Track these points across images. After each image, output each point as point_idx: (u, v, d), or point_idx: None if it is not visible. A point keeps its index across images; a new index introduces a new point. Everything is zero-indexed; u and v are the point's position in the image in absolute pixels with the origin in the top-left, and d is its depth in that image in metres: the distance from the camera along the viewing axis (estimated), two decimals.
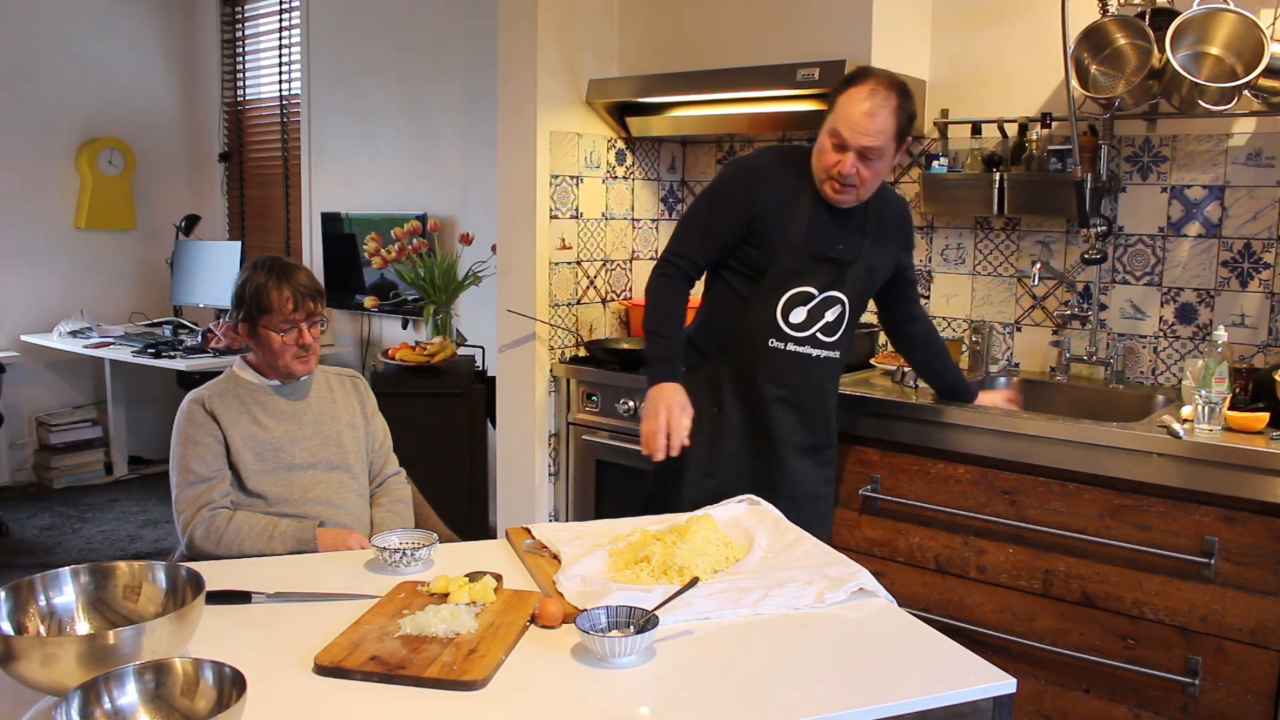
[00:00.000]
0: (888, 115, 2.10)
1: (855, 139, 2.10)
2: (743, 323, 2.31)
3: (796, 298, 2.26)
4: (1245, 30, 2.46)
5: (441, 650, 1.45)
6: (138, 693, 1.23)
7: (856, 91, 2.11)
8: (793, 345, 2.28)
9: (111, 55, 5.67)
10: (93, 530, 4.82)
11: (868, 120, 2.09)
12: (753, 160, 2.32)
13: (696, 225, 2.31)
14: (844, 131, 2.11)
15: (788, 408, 2.33)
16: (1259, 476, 2.20)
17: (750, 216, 2.23)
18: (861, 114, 2.09)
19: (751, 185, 2.25)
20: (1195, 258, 2.83)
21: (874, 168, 2.15)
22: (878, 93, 2.10)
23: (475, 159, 4.52)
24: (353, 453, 2.29)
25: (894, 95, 2.11)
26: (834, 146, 2.14)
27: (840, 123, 2.11)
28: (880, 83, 2.12)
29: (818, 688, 1.40)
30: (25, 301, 5.41)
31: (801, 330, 2.28)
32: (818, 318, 2.28)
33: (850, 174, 2.13)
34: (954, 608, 2.66)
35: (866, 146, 2.11)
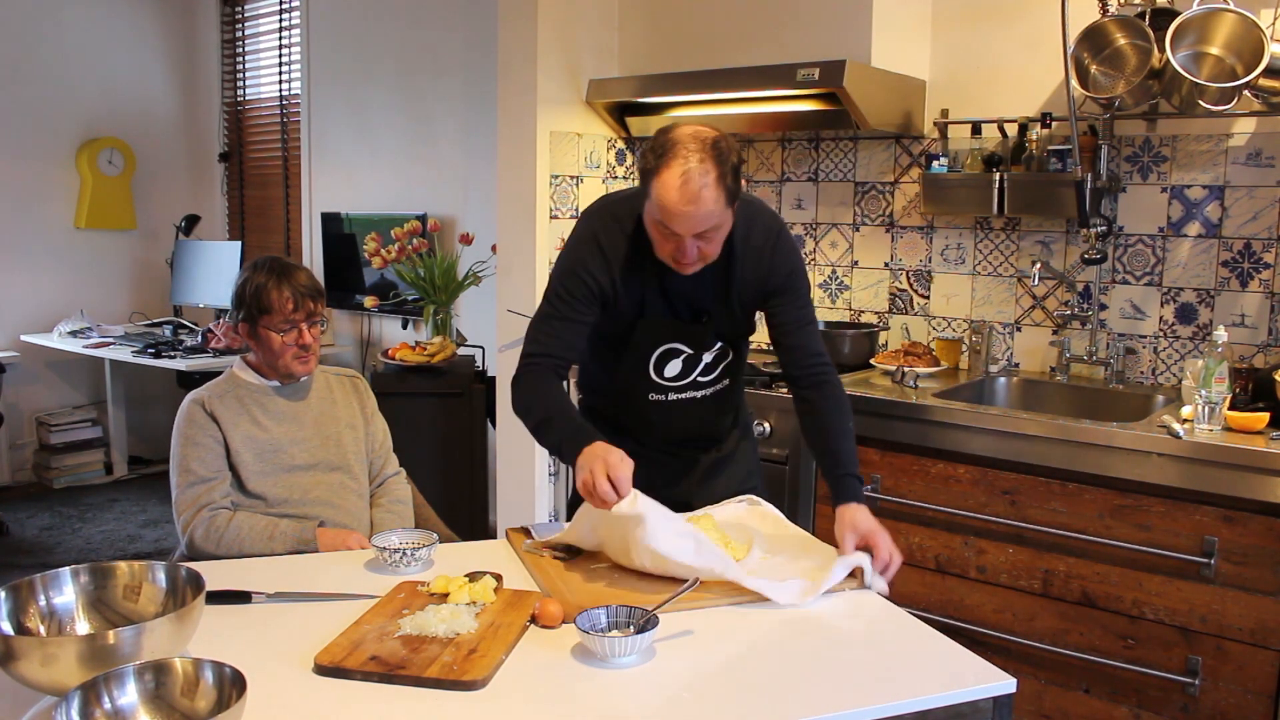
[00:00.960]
0: (711, 193, 1.76)
1: (686, 229, 1.80)
2: (616, 379, 2.12)
3: (668, 353, 2.06)
4: (1245, 30, 2.46)
5: (441, 650, 1.45)
6: (138, 693, 1.23)
7: (668, 178, 1.75)
8: (673, 394, 2.10)
9: (111, 55, 5.67)
10: (93, 530, 4.82)
11: (692, 209, 1.76)
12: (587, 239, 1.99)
13: (551, 318, 1.99)
14: (670, 224, 1.80)
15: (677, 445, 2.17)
16: (1259, 476, 2.20)
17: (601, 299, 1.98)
18: (683, 204, 1.75)
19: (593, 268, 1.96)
20: (1195, 258, 2.83)
21: (714, 239, 1.85)
22: (692, 174, 1.74)
23: (475, 159, 4.52)
24: (353, 453, 2.29)
25: (710, 166, 1.75)
26: (665, 235, 1.84)
27: (664, 216, 1.79)
28: (691, 156, 1.75)
29: (818, 688, 1.40)
30: (25, 301, 5.41)
31: (680, 379, 2.08)
32: (694, 365, 2.08)
33: (692, 258, 1.85)
34: (954, 608, 2.66)
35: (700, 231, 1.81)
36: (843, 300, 3.52)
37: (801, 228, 3.59)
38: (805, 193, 3.56)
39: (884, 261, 3.41)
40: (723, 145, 1.79)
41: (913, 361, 3.06)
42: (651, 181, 1.79)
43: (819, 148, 3.51)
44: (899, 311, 3.40)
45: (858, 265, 3.47)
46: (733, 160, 1.80)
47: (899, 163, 3.34)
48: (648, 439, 2.12)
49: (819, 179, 3.52)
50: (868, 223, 3.43)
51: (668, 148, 1.78)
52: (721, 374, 2.12)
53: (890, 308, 3.42)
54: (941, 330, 3.31)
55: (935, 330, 3.32)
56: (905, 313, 3.38)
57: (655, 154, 1.79)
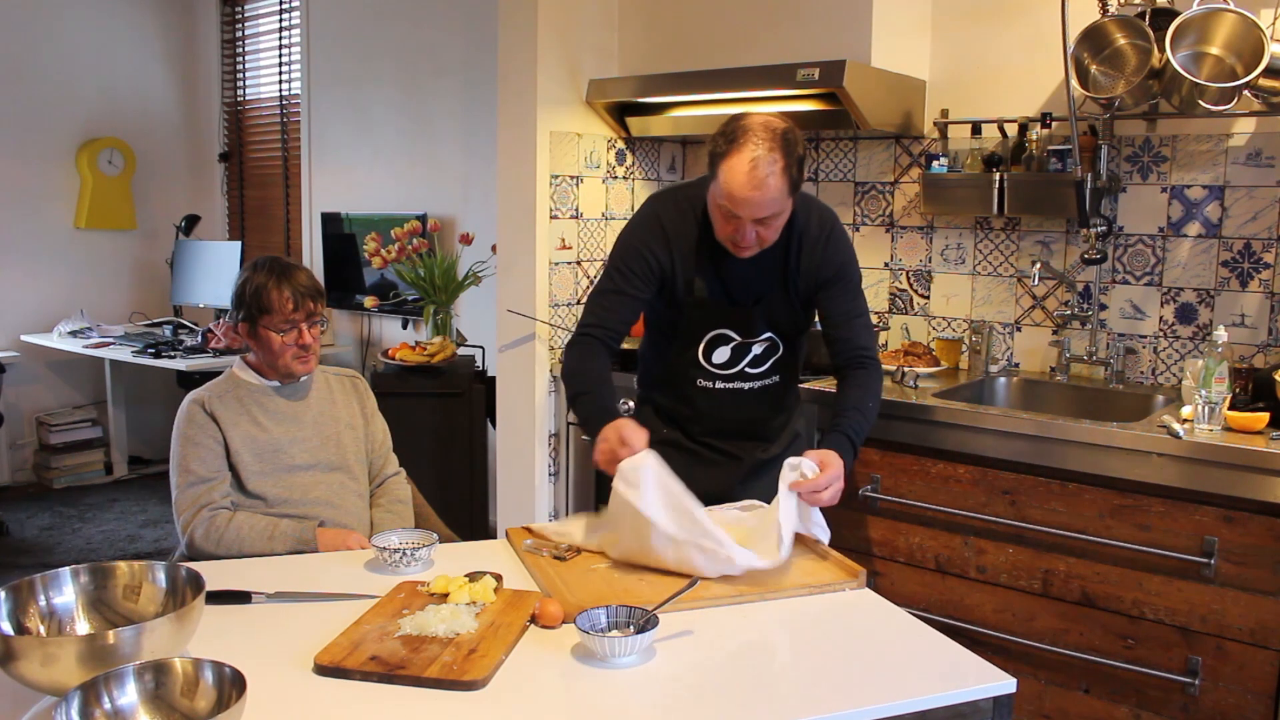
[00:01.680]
0: (777, 181, 1.86)
1: (748, 214, 1.90)
2: (669, 364, 2.20)
3: (717, 339, 2.13)
4: (1245, 30, 2.46)
5: (441, 650, 1.45)
6: (138, 693, 1.23)
7: (736, 163, 1.86)
8: (721, 383, 2.17)
9: (111, 55, 5.67)
10: (93, 530, 4.82)
11: (757, 194, 1.86)
12: (650, 219, 2.11)
13: (608, 291, 2.10)
14: (734, 208, 1.90)
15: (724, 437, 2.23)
16: (1259, 476, 2.20)
17: (660, 278, 2.08)
18: (749, 189, 1.85)
19: (654, 247, 2.07)
20: (1195, 258, 2.83)
21: (774, 225, 1.95)
22: (760, 161, 1.84)
23: (475, 159, 4.53)
24: (352, 453, 2.29)
25: (778, 155, 1.86)
26: (727, 217, 1.94)
27: (728, 199, 1.89)
28: (760, 144, 1.85)
29: (818, 688, 1.40)
30: (25, 301, 5.41)
31: (728, 368, 2.15)
32: (743, 354, 2.15)
33: (750, 241, 1.95)
34: (954, 608, 2.66)
35: (761, 218, 1.91)
36: None
37: None
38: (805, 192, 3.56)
39: (884, 261, 3.41)
40: (790, 136, 1.89)
41: (913, 361, 3.06)
42: (720, 165, 1.88)
43: (819, 148, 3.51)
44: (899, 311, 3.40)
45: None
46: (799, 151, 1.90)
47: (899, 163, 3.34)
48: (695, 428, 2.20)
49: (819, 179, 3.52)
50: (868, 223, 3.43)
51: (739, 134, 1.87)
52: (771, 369, 2.18)
53: (890, 308, 3.42)
54: (941, 330, 3.31)
55: (935, 330, 3.32)
56: (905, 313, 3.38)
57: (726, 139, 1.89)
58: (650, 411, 2.29)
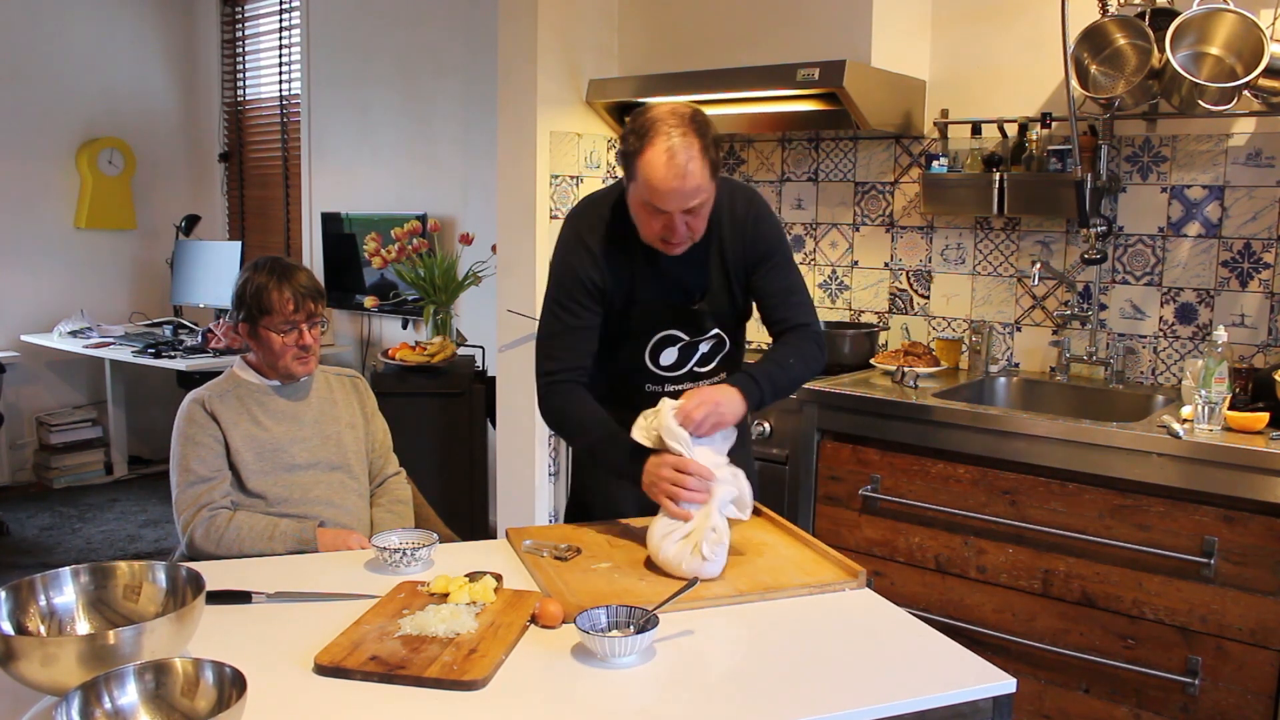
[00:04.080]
0: (697, 166, 1.78)
1: (676, 205, 1.82)
2: (614, 372, 2.11)
3: (664, 340, 2.06)
4: (1245, 30, 2.46)
5: (441, 650, 1.45)
6: (138, 693, 1.23)
7: (652, 156, 1.78)
8: (671, 385, 2.09)
9: (111, 55, 5.67)
10: (93, 530, 4.82)
11: (680, 183, 1.78)
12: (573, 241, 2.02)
13: (557, 332, 2.01)
14: (659, 202, 1.82)
15: None
16: (1259, 476, 2.20)
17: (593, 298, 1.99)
18: (672, 179, 1.78)
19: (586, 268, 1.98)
20: (1195, 258, 2.83)
21: (701, 214, 1.88)
22: (676, 150, 1.77)
23: (475, 159, 4.52)
24: (353, 453, 2.29)
25: (693, 139, 1.78)
26: (653, 214, 1.86)
27: (650, 194, 1.81)
28: (673, 132, 1.78)
29: (818, 688, 1.40)
30: (25, 301, 5.41)
31: (676, 369, 2.09)
32: (691, 354, 2.08)
33: (682, 236, 1.88)
34: (954, 608, 2.66)
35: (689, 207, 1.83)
36: (843, 300, 3.52)
37: (801, 228, 3.59)
38: (805, 193, 3.56)
39: (884, 261, 3.41)
40: (700, 118, 1.82)
41: (913, 361, 3.06)
42: (636, 162, 1.80)
43: (819, 148, 3.51)
44: (899, 311, 3.40)
45: (858, 265, 3.47)
46: (712, 132, 1.82)
47: (899, 163, 3.34)
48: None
49: (819, 179, 3.52)
50: (868, 223, 3.43)
51: (648, 127, 1.80)
52: (719, 365, 2.13)
53: (890, 308, 3.42)
54: (941, 330, 3.31)
55: (935, 330, 3.32)
56: (905, 313, 3.38)
57: (636, 135, 1.81)
58: None
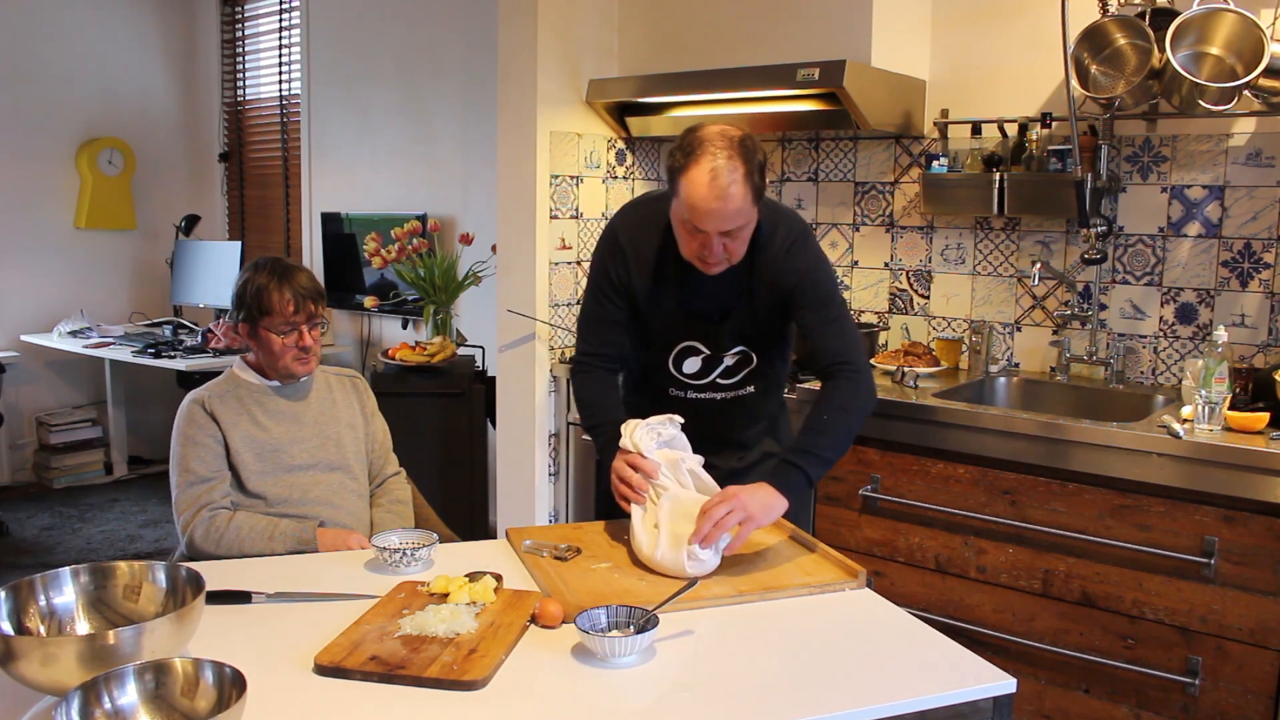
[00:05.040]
0: (739, 190, 1.79)
1: (714, 226, 1.83)
2: (643, 373, 2.17)
3: (687, 350, 2.08)
4: (1245, 30, 2.46)
5: (441, 650, 1.45)
6: (138, 693, 1.23)
7: (696, 175, 1.79)
8: (693, 393, 2.12)
9: (111, 55, 5.67)
10: (93, 530, 4.82)
11: (720, 205, 1.79)
12: (608, 237, 2.09)
13: (590, 319, 2.12)
14: (698, 222, 1.83)
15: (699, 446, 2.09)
16: (1259, 476, 2.20)
17: (629, 296, 2.05)
18: (712, 200, 1.79)
19: (613, 265, 2.05)
20: (1195, 258, 2.83)
21: (740, 237, 1.89)
22: (720, 171, 1.77)
23: (475, 159, 4.52)
24: (352, 453, 2.29)
25: (738, 163, 1.79)
26: (692, 233, 1.87)
27: (691, 213, 1.83)
28: (719, 154, 1.79)
29: (818, 688, 1.40)
30: (25, 301, 5.41)
31: (699, 378, 2.10)
32: (714, 366, 2.09)
33: (719, 257, 1.89)
34: (954, 608, 2.66)
35: (728, 230, 1.85)
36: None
37: None
38: (805, 193, 3.56)
39: (884, 261, 3.41)
40: (749, 144, 1.83)
41: (913, 361, 3.06)
42: (679, 180, 1.83)
43: (819, 148, 3.51)
44: (899, 311, 3.40)
45: (858, 265, 3.47)
46: (759, 158, 1.84)
47: (899, 163, 3.34)
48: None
49: (819, 179, 3.52)
50: (868, 223, 3.43)
51: (695, 146, 1.81)
52: (745, 379, 2.12)
53: (890, 308, 3.42)
54: (941, 330, 3.31)
55: (935, 330, 3.32)
56: (905, 313, 3.38)
57: (683, 153, 1.83)
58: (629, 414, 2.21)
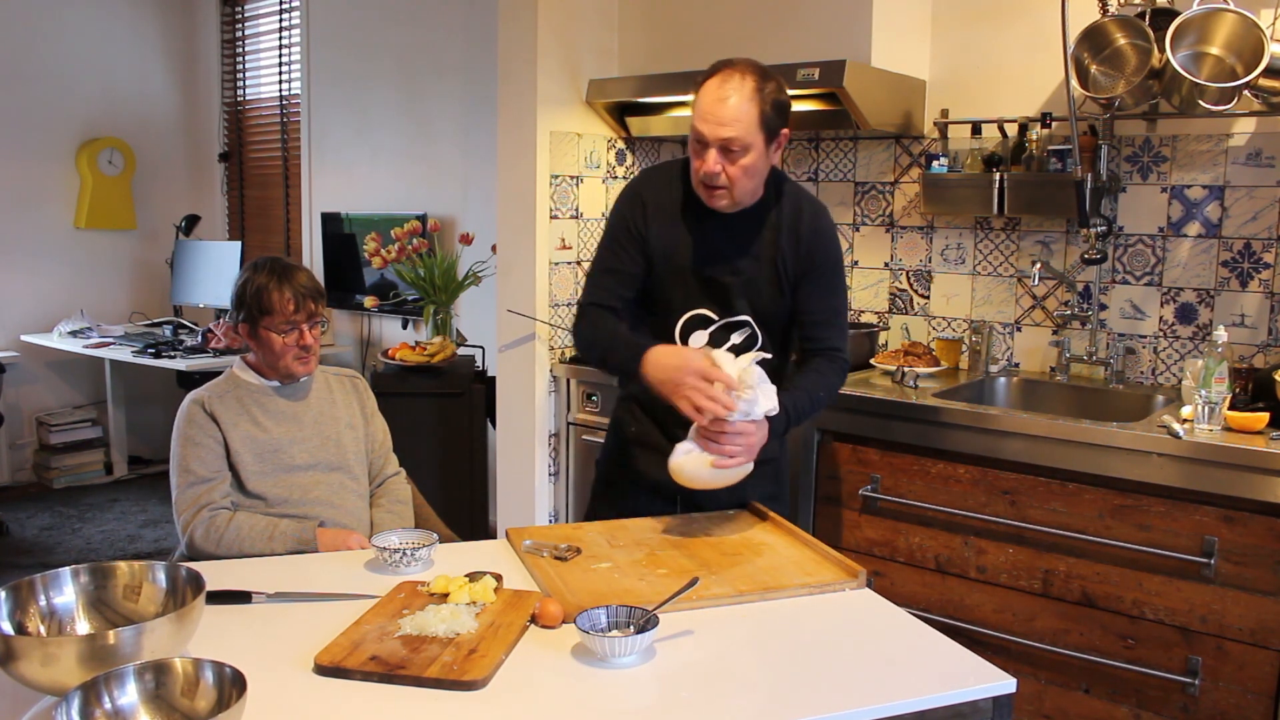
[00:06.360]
0: (743, 100, 1.88)
1: (712, 131, 1.89)
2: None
3: (695, 321, 2.07)
4: (1245, 30, 2.46)
5: (441, 650, 1.45)
6: (138, 693, 1.23)
7: (710, 82, 1.92)
8: None
9: (111, 55, 5.67)
10: (93, 530, 4.82)
11: (720, 107, 1.88)
12: (630, 190, 2.13)
13: (601, 268, 2.11)
14: (700, 126, 1.91)
15: None
16: (1259, 476, 2.20)
17: (645, 247, 2.07)
18: (714, 102, 1.89)
19: (632, 215, 2.08)
20: (1195, 258, 2.83)
21: (741, 163, 1.92)
22: (731, 78, 1.89)
23: (475, 159, 4.52)
24: (352, 453, 2.29)
25: (751, 78, 1.89)
26: (697, 147, 1.94)
27: (696, 118, 1.92)
28: (736, 69, 1.91)
29: (818, 688, 1.40)
30: (25, 301, 5.41)
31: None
32: (720, 342, 2.04)
33: (715, 172, 1.92)
34: (954, 608, 2.66)
35: (725, 139, 1.89)
36: None
37: None
38: None
39: (884, 261, 3.41)
40: (769, 72, 1.93)
41: (913, 361, 3.06)
42: (698, 91, 1.93)
43: (819, 148, 3.51)
44: (899, 311, 3.40)
45: (858, 265, 3.47)
46: (776, 94, 1.92)
47: (899, 163, 3.34)
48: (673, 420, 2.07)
49: (819, 179, 3.52)
50: (868, 223, 3.43)
51: (721, 64, 1.94)
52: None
53: (890, 308, 3.42)
54: (941, 330, 3.31)
55: (935, 330, 3.32)
56: (905, 313, 3.38)
57: (709, 70, 1.94)
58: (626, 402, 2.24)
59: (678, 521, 2.01)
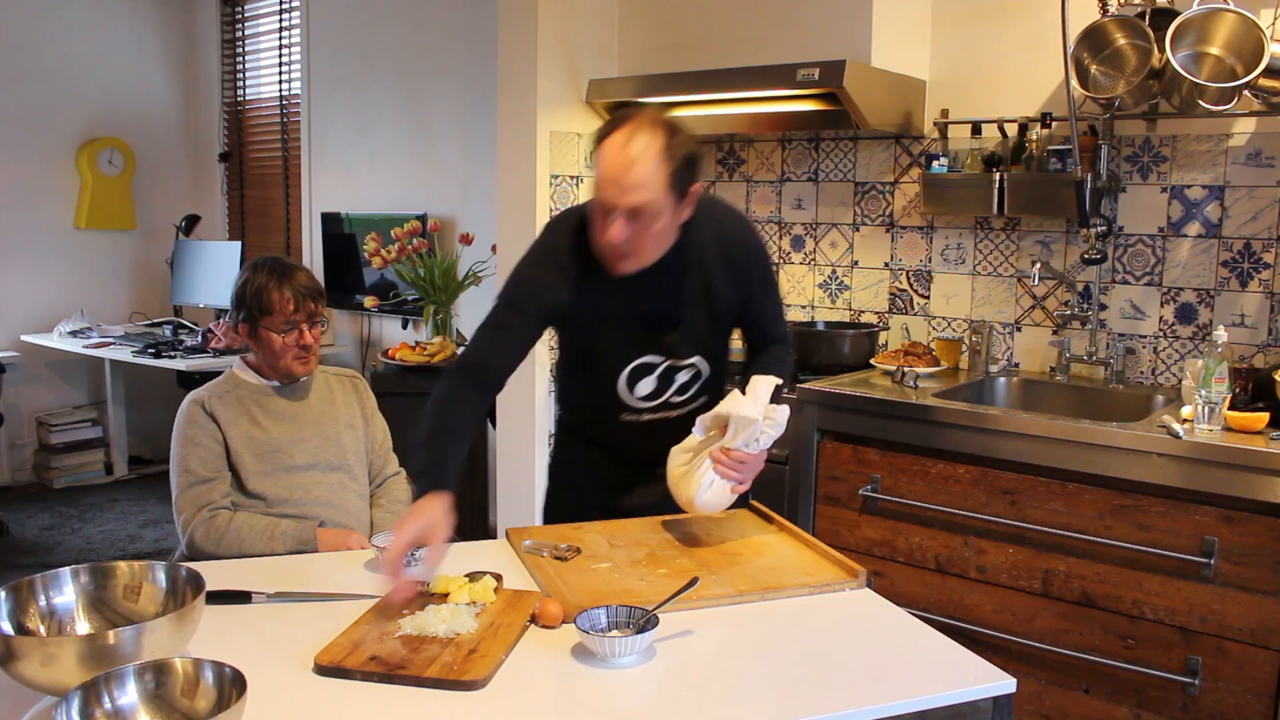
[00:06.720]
0: (651, 161, 1.68)
1: (618, 198, 1.70)
2: (590, 398, 2.04)
3: (640, 369, 1.95)
4: (1245, 30, 2.46)
5: (441, 650, 1.45)
6: (138, 693, 1.23)
7: (612, 141, 1.70)
8: (647, 415, 2.01)
9: (111, 55, 5.67)
10: (93, 530, 4.82)
11: (626, 172, 1.67)
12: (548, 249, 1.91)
13: (493, 326, 1.87)
14: (604, 193, 1.71)
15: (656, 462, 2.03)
16: (1259, 476, 2.20)
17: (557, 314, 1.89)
18: (619, 165, 1.68)
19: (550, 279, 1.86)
20: (1195, 258, 2.83)
21: (650, 230, 1.73)
22: (636, 136, 1.68)
23: (475, 159, 4.53)
24: (352, 453, 2.29)
25: (659, 134, 1.69)
26: (600, 212, 1.74)
27: (599, 185, 1.71)
28: (641, 124, 1.70)
29: (817, 687, 1.40)
30: (25, 301, 5.41)
31: (653, 399, 1.99)
32: (668, 383, 1.97)
33: (619, 242, 1.73)
34: (954, 608, 2.66)
35: (633, 206, 1.70)
36: (843, 300, 3.52)
37: (801, 228, 3.59)
38: (805, 193, 3.56)
39: (884, 261, 3.41)
40: (673, 125, 1.73)
41: (913, 361, 3.06)
42: (598, 151, 1.74)
43: (819, 148, 3.51)
44: (899, 311, 3.40)
45: (858, 265, 3.47)
46: (685, 147, 1.72)
47: (899, 163, 3.34)
48: (623, 454, 2.10)
49: (819, 179, 3.52)
50: (868, 223, 3.43)
51: (621, 119, 1.74)
52: (697, 393, 2.05)
53: (890, 308, 3.42)
54: (941, 330, 3.31)
55: (935, 330, 3.32)
56: (905, 313, 3.38)
57: (608, 124, 1.76)
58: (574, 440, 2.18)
59: (678, 521, 2.01)
